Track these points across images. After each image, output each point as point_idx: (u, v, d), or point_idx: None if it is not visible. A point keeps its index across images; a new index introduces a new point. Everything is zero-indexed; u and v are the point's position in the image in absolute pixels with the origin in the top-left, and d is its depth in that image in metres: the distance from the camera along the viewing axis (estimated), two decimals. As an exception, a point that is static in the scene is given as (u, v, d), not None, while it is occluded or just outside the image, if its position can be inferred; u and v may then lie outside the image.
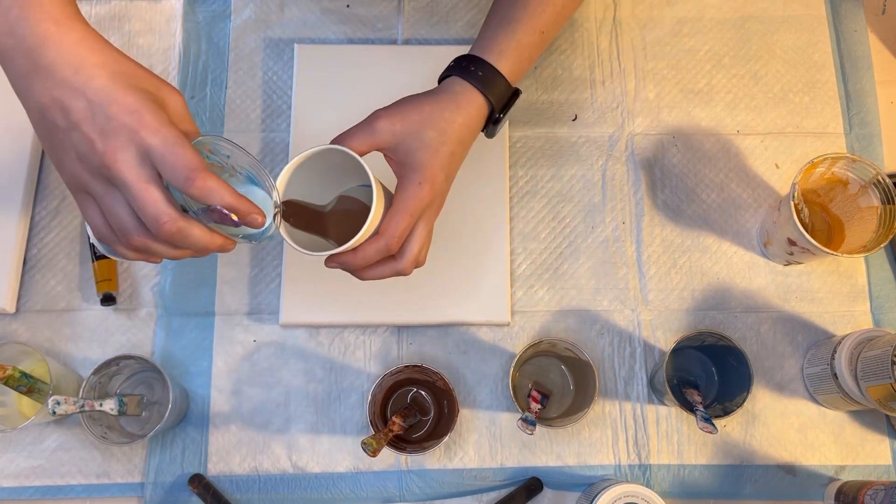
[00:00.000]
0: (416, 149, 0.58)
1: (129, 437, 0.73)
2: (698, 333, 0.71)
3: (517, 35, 0.63)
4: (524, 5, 0.64)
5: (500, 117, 0.64)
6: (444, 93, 0.61)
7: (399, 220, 0.56)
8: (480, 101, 0.61)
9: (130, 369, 0.75)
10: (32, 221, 0.81)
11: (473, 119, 0.61)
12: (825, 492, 0.75)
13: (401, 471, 0.75)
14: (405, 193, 0.57)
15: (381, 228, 0.56)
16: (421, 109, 0.59)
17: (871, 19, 0.88)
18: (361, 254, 0.56)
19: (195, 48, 0.86)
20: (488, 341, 0.78)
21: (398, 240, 0.57)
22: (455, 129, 0.59)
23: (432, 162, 0.58)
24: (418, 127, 0.58)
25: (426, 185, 0.57)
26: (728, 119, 0.85)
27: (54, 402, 0.64)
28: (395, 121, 0.58)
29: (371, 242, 0.56)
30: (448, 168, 0.60)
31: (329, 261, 0.58)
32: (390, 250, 0.57)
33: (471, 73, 0.61)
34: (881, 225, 0.71)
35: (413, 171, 0.58)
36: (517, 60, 0.63)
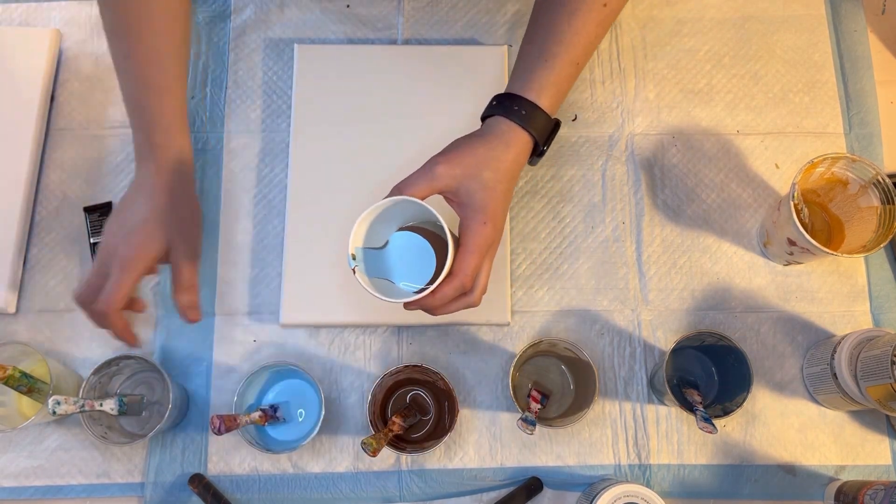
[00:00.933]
0: (475, 190, 0.61)
1: (129, 436, 0.73)
2: (698, 333, 0.71)
3: (555, 70, 0.65)
4: (560, 40, 0.66)
5: (544, 150, 0.67)
6: (492, 134, 0.64)
7: (471, 260, 0.60)
8: (526, 138, 0.64)
9: (130, 369, 0.75)
10: (32, 221, 0.81)
11: (521, 155, 0.65)
12: (825, 492, 0.75)
13: (401, 471, 0.75)
14: (472, 233, 0.61)
15: (454, 269, 0.59)
16: (475, 153, 0.62)
17: (871, 19, 0.88)
18: (440, 294, 0.59)
19: (195, 48, 0.86)
20: (488, 341, 0.78)
21: (472, 278, 0.60)
22: (507, 167, 0.63)
23: (493, 201, 0.62)
24: (475, 170, 0.61)
25: (489, 224, 0.61)
26: (728, 119, 0.85)
27: (54, 402, 0.64)
28: (453, 165, 0.61)
29: (448, 283, 0.59)
30: (505, 204, 0.63)
31: (409, 305, 0.61)
32: (465, 288, 0.60)
33: (514, 112, 0.64)
34: (881, 225, 0.71)
35: (476, 211, 0.61)
36: (555, 94, 0.66)
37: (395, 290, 0.62)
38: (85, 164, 0.83)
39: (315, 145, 0.81)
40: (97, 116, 0.84)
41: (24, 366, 0.72)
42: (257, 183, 0.82)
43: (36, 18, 0.87)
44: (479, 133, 0.65)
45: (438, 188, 0.61)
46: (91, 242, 0.79)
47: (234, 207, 0.81)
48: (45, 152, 0.83)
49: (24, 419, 0.71)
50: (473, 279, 0.61)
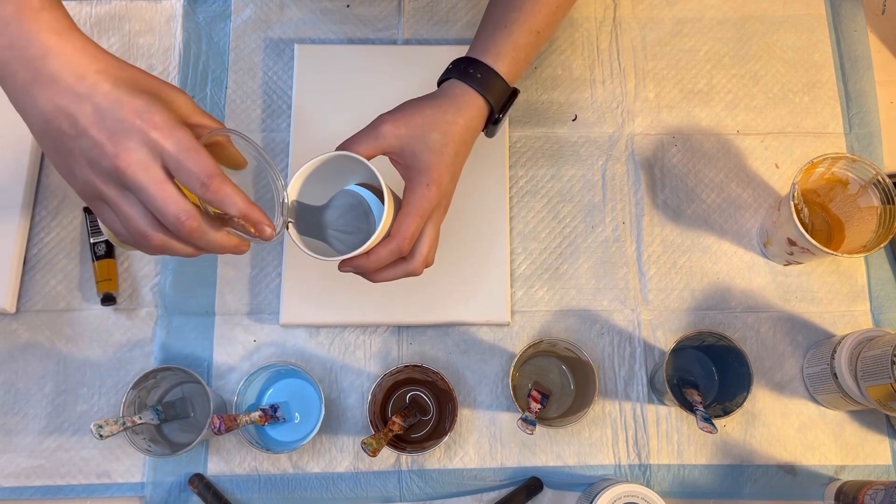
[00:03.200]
0: (421, 151, 0.59)
1: (172, 447, 0.73)
2: (698, 333, 0.71)
3: (514, 36, 0.64)
4: (519, 7, 0.65)
5: (499, 117, 0.65)
6: (444, 96, 0.62)
7: (410, 222, 0.57)
8: (480, 103, 0.62)
9: (168, 381, 0.75)
10: (32, 221, 0.81)
11: (474, 120, 0.62)
12: (825, 492, 0.75)
13: (401, 471, 0.75)
14: (414, 196, 0.58)
15: (392, 231, 0.57)
16: (423, 113, 0.60)
17: (871, 19, 0.88)
18: (374, 257, 0.57)
19: (195, 48, 0.86)
20: (488, 341, 0.78)
21: (410, 241, 0.58)
22: (458, 131, 0.61)
23: (438, 164, 0.59)
24: (422, 130, 0.59)
25: (433, 187, 0.59)
26: (728, 119, 0.85)
27: (97, 426, 0.63)
28: (399, 125, 0.59)
29: (384, 245, 0.57)
30: (452, 169, 0.61)
31: (343, 265, 0.58)
32: (402, 252, 0.58)
33: (469, 75, 0.62)
34: (881, 225, 0.71)
35: (420, 173, 0.59)
36: (514, 61, 0.64)
37: (330, 251, 0.59)
38: (85, 164, 0.83)
39: (315, 145, 0.80)
40: (97, 116, 0.84)
41: None
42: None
43: (36, 18, 0.87)
44: (431, 95, 0.63)
45: (383, 147, 0.59)
46: (91, 242, 0.79)
47: (234, 207, 0.81)
48: (45, 152, 0.83)
49: None
50: (411, 243, 0.58)
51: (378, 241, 0.57)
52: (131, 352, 0.78)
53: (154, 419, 0.70)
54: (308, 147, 0.81)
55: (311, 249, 0.57)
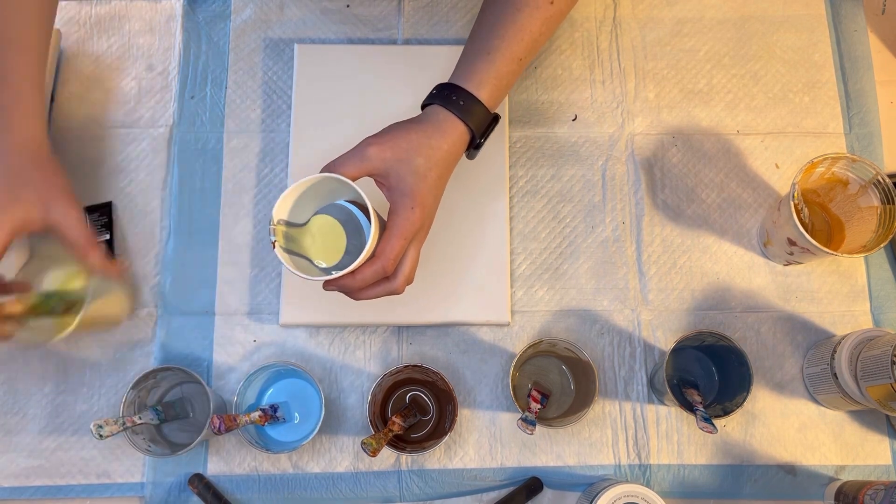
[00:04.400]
0: (406, 175, 0.61)
1: (172, 447, 0.73)
2: (698, 333, 0.71)
3: (496, 64, 0.65)
4: (502, 35, 0.66)
5: (480, 142, 0.66)
6: (428, 122, 0.64)
7: (394, 244, 0.59)
8: (462, 129, 0.64)
9: (168, 381, 0.75)
10: (32, 221, 0.81)
11: (456, 145, 0.64)
12: (825, 492, 0.75)
13: (401, 471, 0.75)
14: (399, 218, 0.60)
15: (377, 252, 0.59)
16: (409, 138, 0.62)
17: (871, 19, 0.88)
18: (360, 276, 0.59)
19: (195, 48, 0.86)
20: (488, 341, 0.78)
21: (394, 262, 0.60)
22: (441, 156, 0.63)
23: (422, 187, 0.61)
24: (407, 154, 0.61)
25: (418, 210, 0.60)
26: (728, 119, 0.85)
27: (97, 426, 0.64)
28: (385, 148, 0.61)
29: (368, 266, 0.59)
30: (436, 192, 0.63)
31: (328, 284, 0.61)
32: (387, 272, 0.60)
33: (452, 102, 0.64)
34: (881, 225, 0.71)
35: (405, 196, 0.61)
36: (496, 88, 0.66)
37: (313, 270, 0.61)
38: (85, 164, 0.83)
39: (315, 145, 0.81)
40: (97, 116, 0.84)
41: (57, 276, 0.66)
42: (257, 183, 0.82)
43: (36, 18, 0.87)
44: (416, 119, 0.65)
45: (368, 170, 0.61)
46: (91, 242, 0.79)
47: (234, 207, 0.81)
48: (45, 152, 0.83)
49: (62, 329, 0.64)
50: (395, 263, 0.60)
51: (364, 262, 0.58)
52: (131, 352, 0.78)
53: (154, 419, 0.70)
54: (308, 147, 0.81)
55: (297, 267, 0.59)
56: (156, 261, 0.80)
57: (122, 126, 0.84)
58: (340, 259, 0.61)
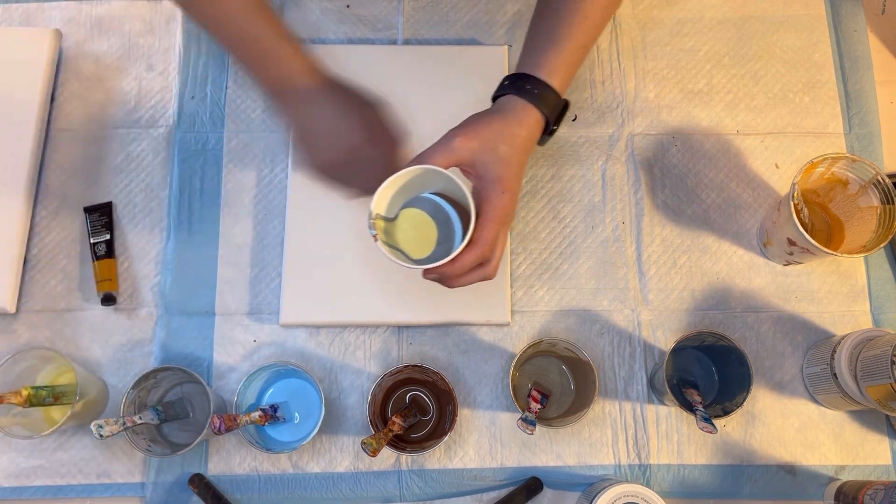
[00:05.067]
0: (492, 162, 0.63)
1: (172, 447, 0.73)
2: (698, 333, 0.71)
3: (565, 52, 0.67)
4: (567, 23, 0.68)
5: (553, 129, 0.68)
6: (505, 111, 0.66)
7: (490, 228, 0.61)
8: (538, 116, 0.66)
9: (168, 381, 0.75)
10: (32, 221, 0.81)
11: (533, 132, 0.66)
12: (825, 492, 0.75)
13: (401, 471, 0.75)
14: (491, 204, 0.62)
15: (474, 238, 0.61)
16: (491, 127, 0.64)
17: (871, 19, 0.88)
18: (459, 263, 0.61)
19: (195, 48, 0.86)
20: (488, 341, 0.78)
21: (491, 246, 0.62)
22: (521, 143, 0.65)
23: (508, 173, 0.63)
24: (492, 143, 0.63)
25: (507, 195, 0.62)
26: (728, 119, 0.85)
27: (97, 426, 0.64)
28: (470, 138, 0.63)
29: (468, 251, 0.61)
30: (519, 177, 0.65)
31: (428, 272, 0.62)
32: (485, 257, 0.62)
33: (526, 91, 0.66)
34: (881, 225, 0.72)
35: (494, 182, 0.62)
36: (565, 75, 0.68)
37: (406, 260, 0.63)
38: (85, 164, 0.83)
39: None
40: (97, 116, 0.84)
41: (48, 371, 0.73)
42: (257, 183, 0.82)
43: (36, 18, 0.87)
44: (492, 110, 0.67)
45: (456, 160, 0.63)
46: (91, 242, 0.79)
47: (234, 207, 0.81)
48: (45, 152, 0.83)
49: (53, 424, 0.69)
50: (492, 248, 0.62)
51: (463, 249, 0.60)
52: (131, 352, 0.78)
53: (154, 419, 0.70)
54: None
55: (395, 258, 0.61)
56: (156, 261, 0.80)
57: (122, 126, 0.84)
58: (434, 249, 0.64)
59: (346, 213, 0.78)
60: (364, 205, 0.62)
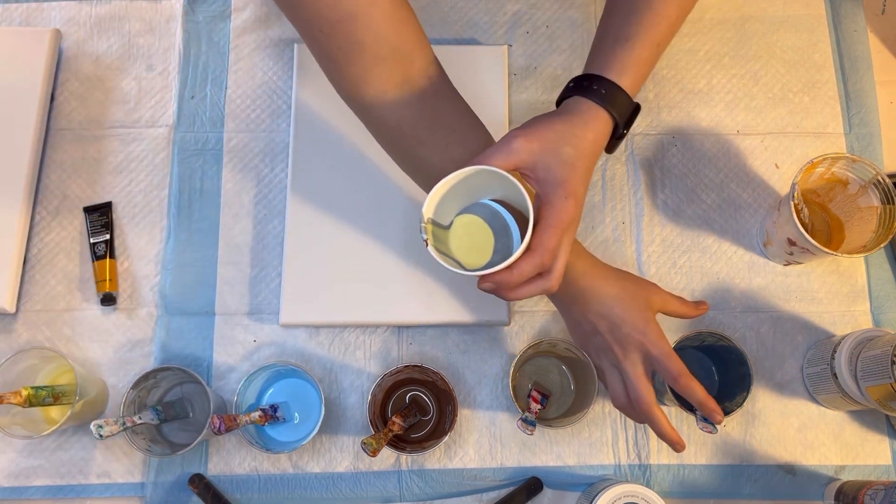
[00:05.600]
0: (555, 165, 0.58)
1: (172, 447, 0.73)
2: (698, 333, 0.71)
3: (635, 51, 0.63)
4: (639, 21, 0.64)
5: (623, 133, 0.64)
6: (571, 112, 0.61)
7: (551, 235, 0.57)
8: (606, 118, 0.62)
9: (168, 381, 0.75)
10: (32, 221, 0.81)
11: (601, 135, 0.62)
12: (825, 492, 0.75)
13: (401, 471, 0.75)
14: (553, 209, 0.58)
15: (533, 244, 0.57)
16: (555, 128, 0.60)
17: (871, 19, 0.88)
18: (517, 271, 0.56)
19: (195, 48, 0.86)
20: (488, 341, 0.78)
21: (552, 254, 0.57)
22: (587, 146, 0.60)
23: (573, 177, 0.59)
24: (555, 145, 0.59)
25: (571, 200, 0.58)
26: (728, 119, 0.85)
27: (97, 426, 0.64)
28: (532, 139, 0.58)
29: (526, 259, 0.56)
30: (585, 182, 0.60)
31: (483, 280, 0.58)
32: (545, 266, 0.57)
33: (593, 91, 0.62)
34: (881, 225, 0.71)
35: (557, 186, 0.58)
36: (636, 76, 0.63)
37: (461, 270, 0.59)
38: (85, 164, 0.83)
39: (315, 145, 0.81)
40: (97, 116, 0.84)
41: (48, 371, 0.73)
42: (257, 183, 0.82)
43: (36, 18, 0.87)
44: (557, 111, 0.62)
45: (516, 162, 0.58)
46: (91, 242, 0.79)
47: (234, 207, 0.81)
48: (45, 152, 0.83)
49: (52, 424, 0.69)
50: (553, 256, 0.57)
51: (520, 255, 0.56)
52: (131, 352, 0.78)
53: (154, 419, 0.70)
54: (308, 147, 0.81)
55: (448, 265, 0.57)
56: (156, 261, 0.80)
57: (122, 126, 0.84)
58: (490, 260, 0.59)
59: (346, 213, 0.78)
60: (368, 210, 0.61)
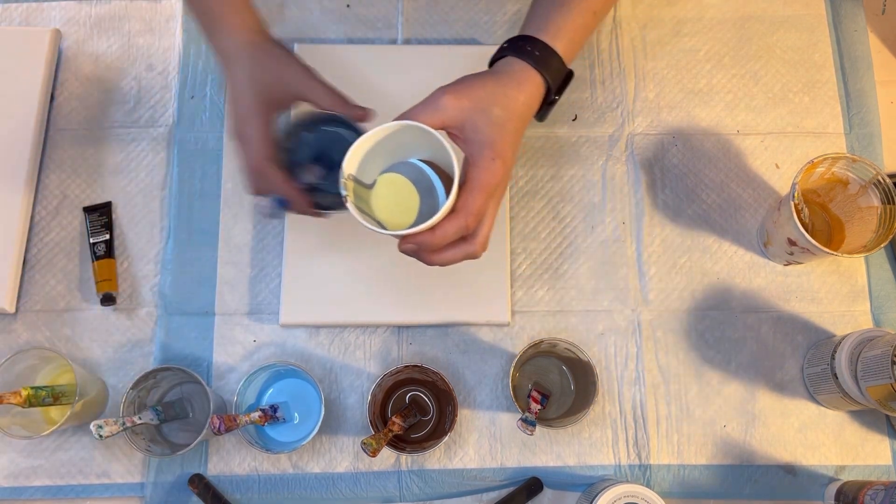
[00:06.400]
0: (484, 125, 0.57)
1: (172, 447, 0.73)
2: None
3: (572, 15, 0.62)
4: None
5: (555, 98, 0.63)
6: (502, 72, 0.60)
7: (476, 197, 0.55)
8: (538, 80, 0.61)
9: (168, 381, 0.75)
10: (32, 221, 0.81)
11: (533, 97, 0.61)
12: (825, 492, 0.75)
13: (401, 471, 0.75)
14: (479, 170, 0.56)
15: (457, 206, 0.55)
16: (485, 87, 0.58)
17: (871, 19, 0.88)
18: (440, 232, 0.55)
19: (195, 48, 0.86)
20: (488, 341, 0.78)
21: (476, 217, 0.55)
22: (518, 107, 0.59)
23: (502, 138, 0.57)
24: (485, 104, 0.57)
25: (498, 161, 0.56)
26: (728, 119, 0.85)
27: (97, 426, 0.64)
28: (461, 97, 0.57)
29: (450, 220, 0.54)
30: (514, 145, 0.59)
31: (404, 242, 0.56)
32: (468, 229, 0.56)
33: (527, 52, 0.60)
34: (881, 225, 0.71)
35: (484, 147, 0.57)
36: (571, 41, 0.62)
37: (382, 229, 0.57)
38: (85, 164, 0.83)
39: None
40: (97, 116, 0.84)
41: (47, 371, 0.73)
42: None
43: (36, 18, 0.87)
44: (489, 71, 0.61)
45: (443, 120, 0.57)
46: (91, 242, 0.79)
47: (234, 207, 0.81)
48: (45, 152, 0.83)
49: (52, 424, 0.69)
50: (478, 219, 0.56)
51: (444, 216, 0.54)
52: (131, 352, 0.78)
53: (154, 419, 0.70)
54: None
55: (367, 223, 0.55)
56: (156, 261, 0.80)
57: (122, 126, 0.84)
58: (414, 221, 0.56)
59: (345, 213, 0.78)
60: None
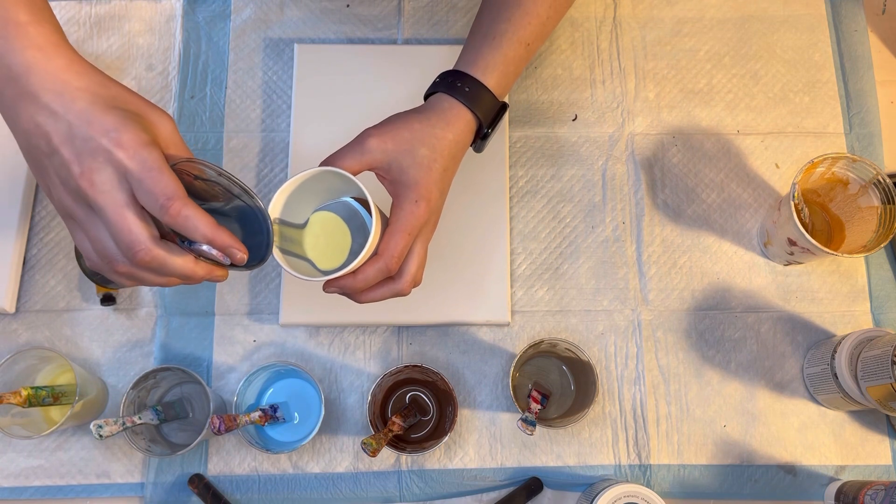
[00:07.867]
0: (409, 166, 0.57)
1: (172, 447, 0.73)
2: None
3: (503, 49, 0.62)
4: (508, 18, 0.63)
5: (488, 132, 0.63)
6: (431, 110, 0.61)
7: (398, 240, 0.56)
8: (469, 117, 0.61)
9: (168, 381, 0.75)
10: (32, 221, 0.81)
11: (463, 134, 0.61)
12: (825, 492, 0.75)
13: (401, 471, 0.75)
14: (402, 212, 0.56)
15: (380, 249, 0.56)
16: (411, 127, 0.59)
17: (871, 19, 0.88)
18: (362, 276, 0.55)
19: (195, 48, 0.86)
20: (488, 341, 0.78)
21: (398, 259, 0.56)
22: (446, 146, 0.59)
23: (427, 179, 0.58)
24: (410, 145, 0.58)
25: (422, 203, 0.57)
26: (728, 119, 0.85)
27: (97, 426, 0.64)
28: (386, 139, 0.58)
29: (371, 264, 0.55)
30: (441, 185, 0.59)
31: (328, 285, 0.57)
32: (390, 271, 0.56)
33: (457, 89, 0.61)
34: (881, 225, 0.71)
35: (408, 189, 0.57)
36: (503, 74, 0.63)
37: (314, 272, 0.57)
38: (85, 164, 0.83)
39: (315, 145, 0.81)
40: (97, 116, 0.84)
41: (47, 371, 0.73)
42: (257, 183, 0.82)
43: (36, 18, 0.87)
44: (418, 109, 0.62)
45: (369, 162, 0.57)
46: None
47: (233, 207, 0.81)
48: (45, 152, 0.83)
49: (52, 424, 0.69)
50: (400, 261, 0.56)
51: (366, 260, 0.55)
52: (131, 352, 0.78)
53: (154, 419, 0.70)
54: (308, 147, 0.81)
55: (295, 268, 0.55)
56: (156, 261, 0.80)
57: (121, 126, 0.84)
58: (345, 260, 0.57)
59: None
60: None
